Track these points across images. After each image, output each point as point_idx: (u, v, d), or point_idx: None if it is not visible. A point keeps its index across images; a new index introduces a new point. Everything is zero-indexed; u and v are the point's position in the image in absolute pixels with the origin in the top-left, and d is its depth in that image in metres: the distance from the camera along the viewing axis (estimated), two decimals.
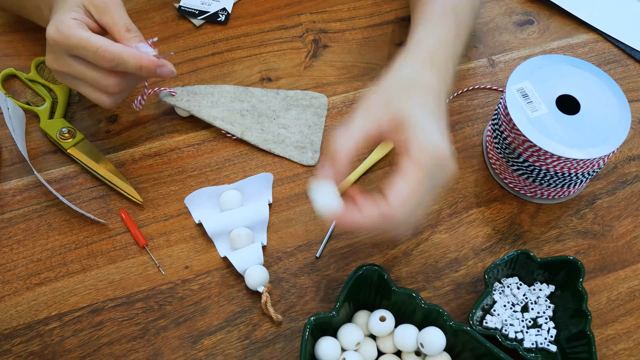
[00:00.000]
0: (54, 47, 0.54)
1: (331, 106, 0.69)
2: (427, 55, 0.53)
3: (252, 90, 0.68)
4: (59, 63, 0.55)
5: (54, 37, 0.53)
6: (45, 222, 0.61)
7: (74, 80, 0.56)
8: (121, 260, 0.59)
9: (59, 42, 0.53)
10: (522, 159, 0.60)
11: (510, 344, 0.53)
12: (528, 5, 0.79)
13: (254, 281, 0.56)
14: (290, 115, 0.67)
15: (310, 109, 0.68)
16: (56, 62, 0.55)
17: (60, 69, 0.55)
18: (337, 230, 0.51)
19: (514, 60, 0.74)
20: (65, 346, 0.55)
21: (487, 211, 0.64)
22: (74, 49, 0.53)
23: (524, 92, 0.60)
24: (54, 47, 0.54)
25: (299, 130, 0.66)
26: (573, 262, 0.56)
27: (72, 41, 0.53)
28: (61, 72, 0.56)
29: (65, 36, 0.53)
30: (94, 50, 0.53)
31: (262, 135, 0.66)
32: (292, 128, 0.66)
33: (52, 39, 0.53)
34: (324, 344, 0.52)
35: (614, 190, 0.66)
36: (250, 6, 0.76)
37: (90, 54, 0.53)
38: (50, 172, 0.63)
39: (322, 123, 0.67)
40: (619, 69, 0.74)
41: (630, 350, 0.57)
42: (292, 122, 0.67)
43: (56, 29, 0.53)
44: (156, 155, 0.65)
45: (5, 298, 0.57)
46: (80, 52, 0.53)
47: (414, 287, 0.59)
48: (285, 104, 0.68)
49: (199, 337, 0.56)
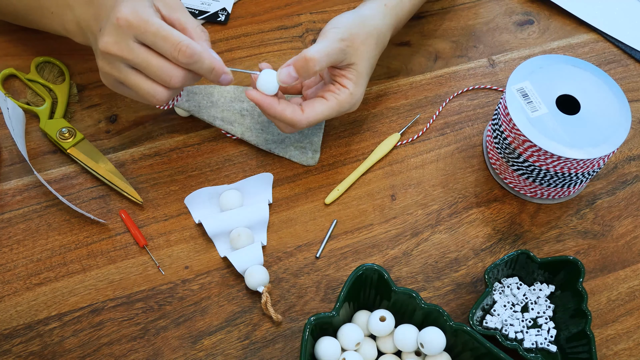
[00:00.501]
0: (123, 29, 0.51)
1: None
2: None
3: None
4: (121, 47, 0.52)
5: (129, 19, 0.51)
6: (45, 222, 0.61)
7: (126, 70, 0.54)
8: (121, 260, 0.59)
9: (133, 25, 0.51)
10: (522, 159, 0.60)
11: (510, 344, 0.53)
12: (528, 5, 0.79)
13: (254, 281, 0.56)
14: None
15: None
16: (117, 46, 0.52)
17: (121, 53, 0.52)
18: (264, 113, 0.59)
19: (514, 60, 0.74)
20: (65, 346, 0.55)
21: (487, 211, 0.64)
22: (150, 35, 0.51)
23: (524, 92, 0.60)
24: (123, 28, 0.51)
25: (299, 130, 0.66)
26: (573, 262, 0.56)
27: (152, 27, 0.51)
28: (120, 57, 0.52)
29: (144, 20, 0.51)
30: (175, 43, 0.51)
31: (262, 135, 0.66)
32: None
33: (126, 19, 0.51)
34: (324, 344, 0.52)
35: (614, 190, 0.66)
36: (250, 6, 0.76)
37: (168, 46, 0.51)
38: (50, 172, 0.63)
39: (322, 123, 0.67)
40: (619, 69, 0.74)
41: (631, 350, 0.57)
42: None
43: (134, 11, 0.51)
44: (156, 155, 0.65)
45: (5, 298, 0.57)
46: (156, 40, 0.51)
47: (414, 287, 0.59)
48: None
49: (199, 337, 0.56)
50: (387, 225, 0.62)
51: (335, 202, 0.63)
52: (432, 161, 0.66)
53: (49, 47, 0.70)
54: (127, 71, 0.54)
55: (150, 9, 0.52)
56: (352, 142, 0.67)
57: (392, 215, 0.63)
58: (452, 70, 0.73)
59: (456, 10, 0.78)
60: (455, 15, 0.77)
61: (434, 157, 0.67)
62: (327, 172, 0.65)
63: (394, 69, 0.72)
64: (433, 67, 0.73)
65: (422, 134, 0.68)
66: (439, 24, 0.76)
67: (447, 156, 0.67)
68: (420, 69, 0.73)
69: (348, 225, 0.62)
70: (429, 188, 0.65)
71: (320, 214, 0.62)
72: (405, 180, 0.65)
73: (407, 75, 0.72)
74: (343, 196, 0.64)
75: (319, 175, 0.65)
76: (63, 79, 0.68)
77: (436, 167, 0.66)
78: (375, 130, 0.68)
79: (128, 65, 0.53)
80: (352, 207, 0.63)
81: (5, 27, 0.71)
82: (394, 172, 0.65)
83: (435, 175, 0.65)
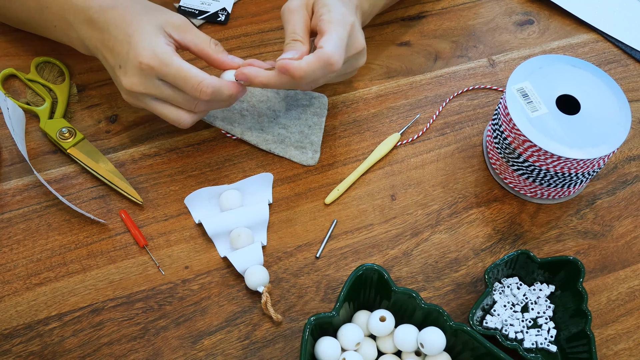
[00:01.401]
0: (147, 72, 0.54)
1: (331, 106, 0.69)
2: None
3: (252, 90, 0.68)
4: (147, 86, 0.55)
5: (150, 63, 0.53)
6: (45, 222, 0.61)
7: (153, 102, 0.57)
8: (121, 260, 0.59)
9: (155, 68, 0.53)
10: (522, 159, 0.60)
11: (510, 344, 0.53)
12: (528, 5, 0.79)
13: (254, 281, 0.56)
14: (291, 115, 0.67)
15: (310, 109, 0.68)
16: (143, 85, 0.55)
17: (147, 91, 0.55)
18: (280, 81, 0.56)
19: (514, 60, 0.74)
20: (65, 346, 0.55)
21: (487, 211, 0.64)
22: (171, 77, 0.54)
23: (524, 92, 0.60)
24: (146, 71, 0.54)
25: (299, 130, 0.66)
26: (573, 262, 0.56)
27: (171, 70, 0.53)
28: (146, 94, 0.56)
29: (164, 64, 0.53)
30: (195, 84, 0.54)
31: (262, 135, 0.66)
32: (292, 128, 0.66)
33: (148, 64, 0.53)
34: (324, 344, 0.52)
35: (614, 190, 0.66)
36: (250, 6, 0.76)
37: (189, 87, 0.54)
38: (50, 172, 0.63)
39: (322, 123, 0.67)
40: (619, 69, 0.74)
41: (631, 351, 0.57)
42: (292, 122, 0.67)
43: (154, 55, 0.53)
44: (156, 155, 0.65)
45: (5, 298, 0.57)
46: (177, 82, 0.54)
47: (414, 287, 0.59)
48: (285, 103, 0.68)
49: (199, 337, 0.56)
50: (387, 225, 0.62)
51: (335, 202, 0.63)
52: (432, 161, 0.66)
53: (49, 47, 0.70)
54: (153, 103, 0.57)
55: (167, 47, 0.54)
56: (352, 142, 0.67)
57: (392, 215, 0.63)
58: (452, 70, 0.73)
59: (456, 10, 0.78)
60: (455, 15, 0.77)
61: (434, 157, 0.67)
62: (327, 172, 0.65)
63: (394, 69, 0.72)
64: (433, 67, 0.73)
65: (422, 134, 0.68)
66: (439, 24, 0.76)
67: (447, 156, 0.67)
68: (420, 69, 0.73)
69: (348, 225, 0.62)
70: (429, 188, 0.65)
71: (320, 214, 0.62)
72: (405, 180, 0.65)
73: (407, 75, 0.72)
74: (343, 196, 0.64)
75: (319, 175, 0.65)
76: (63, 79, 0.68)
77: (436, 167, 0.66)
78: (375, 130, 0.68)
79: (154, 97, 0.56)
80: (352, 207, 0.63)
81: (5, 27, 0.71)
82: (394, 172, 0.65)
83: (435, 175, 0.66)
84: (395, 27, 0.76)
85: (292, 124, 0.67)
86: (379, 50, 0.74)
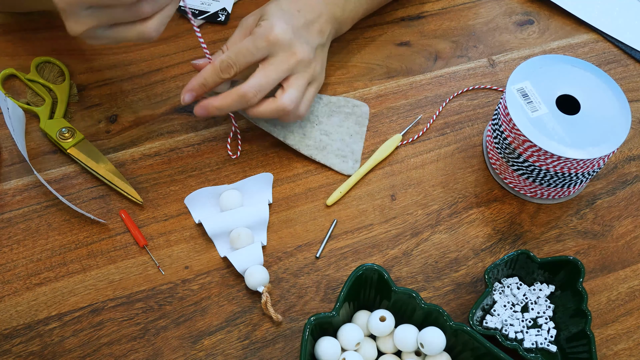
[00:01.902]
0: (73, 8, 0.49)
1: None
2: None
3: None
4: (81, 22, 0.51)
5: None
6: (45, 222, 0.61)
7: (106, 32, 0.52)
8: (121, 260, 0.59)
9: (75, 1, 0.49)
10: (522, 159, 0.60)
11: (510, 344, 0.53)
12: (528, 5, 0.79)
13: (254, 281, 0.56)
14: (332, 122, 0.67)
15: (352, 117, 0.67)
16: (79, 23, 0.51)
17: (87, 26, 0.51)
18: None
19: (514, 60, 0.74)
20: (65, 346, 0.55)
21: (487, 211, 0.64)
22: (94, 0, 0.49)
23: (524, 92, 0.60)
24: (73, 7, 0.49)
25: (341, 138, 0.66)
26: (573, 262, 0.56)
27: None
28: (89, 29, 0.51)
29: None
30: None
31: (304, 140, 0.65)
32: (333, 135, 0.66)
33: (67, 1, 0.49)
34: (324, 344, 0.52)
35: (614, 190, 0.66)
36: (250, 6, 0.76)
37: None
38: (50, 172, 0.63)
39: (363, 132, 0.67)
40: (619, 69, 0.74)
41: (631, 350, 0.57)
42: (334, 129, 0.66)
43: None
44: (156, 155, 0.65)
45: (5, 298, 0.57)
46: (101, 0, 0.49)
47: (414, 287, 0.59)
48: (327, 109, 0.67)
49: (199, 337, 0.56)
50: (387, 225, 0.62)
51: (335, 202, 0.63)
52: (432, 161, 0.66)
53: (49, 47, 0.70)
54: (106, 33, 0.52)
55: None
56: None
57: (392, 215, 0.63)
58: (452, 70, 0.73)
59: (456, 10, 0.78)
60: (455, 15, 0.77)
61: (434, 157, 0.67)
62: (327, 172, 0.65)
63: (394, 69, 0.72)
64: (433, 67, 0.73)
65: (422, 134, 0.68)
66: (439, 24, 0.76)
67: (447, 156, 0.67)
68: (420, 69, 0.73)
69: (348, 225, 0.62)
70: (429, 188, 0.65)
71: (320, 214, 0.62)
72: (405, 180, 0.65)
73: (407, 75, 0.72)
74: (343, 196, 0.64)
75: (319, 175, 0.65)
76: (63, 79, 0.68)
77: (436, 167, 0.66)
78: (375, 130, 0.68)
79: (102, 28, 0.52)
80: (352, 207, 0.63)
81: (5, 27, 0.71)
82: (394, 172, 0.65)
83: (435, 175, 0.66)
84: (395, 27, 0.76)
85: (334, 131, 0.66)
86: (379, 50, 0.74)
